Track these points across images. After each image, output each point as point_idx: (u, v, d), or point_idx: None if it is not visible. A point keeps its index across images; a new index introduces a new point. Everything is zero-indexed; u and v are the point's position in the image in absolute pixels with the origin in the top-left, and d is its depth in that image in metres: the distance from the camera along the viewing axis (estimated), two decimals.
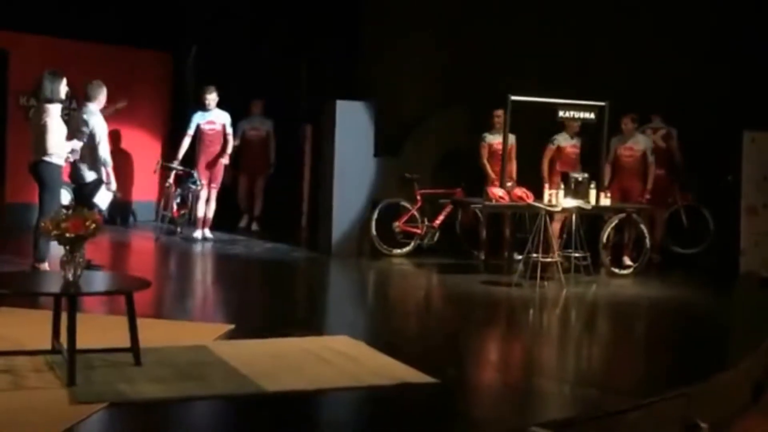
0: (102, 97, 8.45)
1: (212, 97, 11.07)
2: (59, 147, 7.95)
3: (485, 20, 11.16)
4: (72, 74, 8.80)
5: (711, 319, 8.02)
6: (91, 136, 8.23)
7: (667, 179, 10.83)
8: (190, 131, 11.08)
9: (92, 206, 7.90)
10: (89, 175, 8.30)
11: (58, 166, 8.04)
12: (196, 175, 11.05)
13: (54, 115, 7.95)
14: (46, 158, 7.93)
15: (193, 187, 11.09)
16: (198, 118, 11.13)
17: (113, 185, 8.36)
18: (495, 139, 10.23)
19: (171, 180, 11.34)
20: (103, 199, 8.29)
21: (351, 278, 9.84)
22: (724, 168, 10.55)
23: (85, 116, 8.32)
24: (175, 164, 11.21)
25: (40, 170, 7.98)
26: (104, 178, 8.33)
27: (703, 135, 10.50)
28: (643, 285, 9.37)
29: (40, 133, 7.93)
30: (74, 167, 8.38)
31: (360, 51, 11.73)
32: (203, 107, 11.14)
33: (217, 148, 11.13)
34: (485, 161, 10.37)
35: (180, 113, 13.59)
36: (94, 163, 8.28)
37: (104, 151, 8.28)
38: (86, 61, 12.12)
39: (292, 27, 12.42)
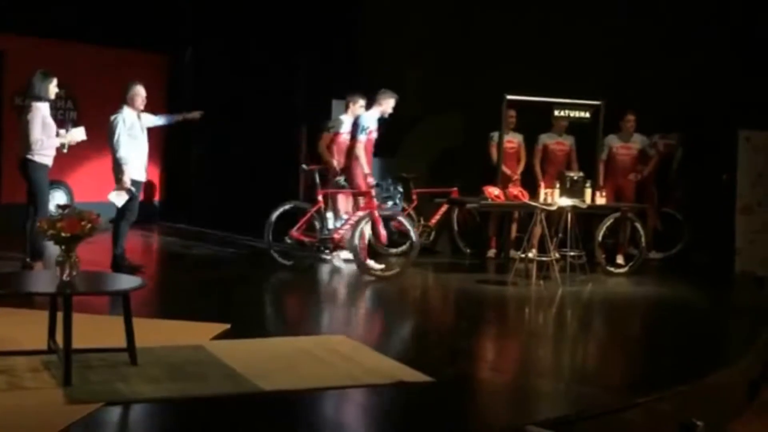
0: (132, 98, 8.41)
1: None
2: (42, 145, 7.95)
3: (483, 21, 11.18)
4: (68, 76, 8.81)
5: (706, 317, 8.03)
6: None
7: (650, 184, 10.79)
8: (362, 137, 9.33)
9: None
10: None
11: (42, 165, 8.05)
12: (401, 190, 9.55)
13: (40, 113, 7.96)
14: (29, 155, 7.96)
15: (399, 204, 9.44)
16: (371, 122, 9.43)
17: (125, 183, 8.33)
18: (505, 138, 10.21)
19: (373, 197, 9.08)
20: (115, 196, 8.35)
21: (347, 277, 9.83)
22: (719, 167, 10.57)
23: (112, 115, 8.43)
24: (373, 179, 9.23)
25: (25, 168, 8.04)
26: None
27: (697, 134, 10.52)
28: (638, 283, 9.39)
29: (24, 130, 7.96)
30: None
31: (357, 52, 11.74)
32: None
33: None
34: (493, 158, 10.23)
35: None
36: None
37: (119, 149, 8.29)
38: (82, 62, 12.13)
39: (290, 28, 12.43)
